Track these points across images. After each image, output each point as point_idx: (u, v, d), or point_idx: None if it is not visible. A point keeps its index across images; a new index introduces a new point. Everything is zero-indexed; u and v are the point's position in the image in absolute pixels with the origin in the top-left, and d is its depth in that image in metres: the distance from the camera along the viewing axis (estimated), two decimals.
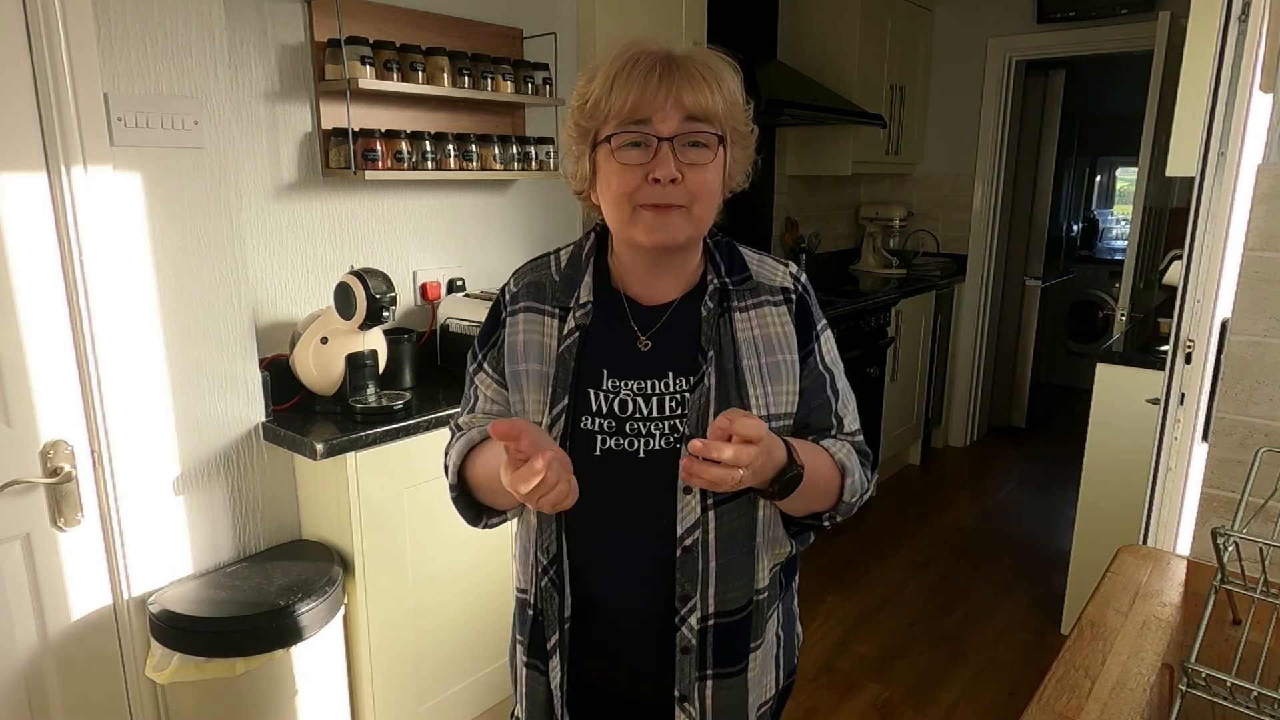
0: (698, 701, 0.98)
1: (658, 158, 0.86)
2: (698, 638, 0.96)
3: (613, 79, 0.86)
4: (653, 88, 0.85)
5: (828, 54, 3.73)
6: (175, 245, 1.64)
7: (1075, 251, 5.37)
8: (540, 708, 1.03)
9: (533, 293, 0.99)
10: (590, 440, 0.94)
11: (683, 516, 0.93)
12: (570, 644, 1.00)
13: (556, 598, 0.98)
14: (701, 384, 0.93)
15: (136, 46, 1.54)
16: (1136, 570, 1.20)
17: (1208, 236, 1.48)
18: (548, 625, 1.00)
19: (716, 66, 0.89)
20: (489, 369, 1.01)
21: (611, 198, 0.90)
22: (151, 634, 1.63)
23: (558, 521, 0.96)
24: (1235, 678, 0.78)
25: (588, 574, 0.98)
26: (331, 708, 1.78)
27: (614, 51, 0.89)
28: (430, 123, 2.21)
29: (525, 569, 1.02)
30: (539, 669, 1.02)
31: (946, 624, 2.78)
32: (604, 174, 0.90)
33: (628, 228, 0.90)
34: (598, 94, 0.87)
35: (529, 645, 1.03)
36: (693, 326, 0.96)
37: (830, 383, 1.01)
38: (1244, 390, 1.29)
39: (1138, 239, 3.12)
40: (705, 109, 0.87)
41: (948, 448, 4.59)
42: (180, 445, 1.70)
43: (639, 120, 0.86)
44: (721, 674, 0.98)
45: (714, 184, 0.91)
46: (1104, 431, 2.52)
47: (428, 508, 1.89)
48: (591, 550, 0.97)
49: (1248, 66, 1.40)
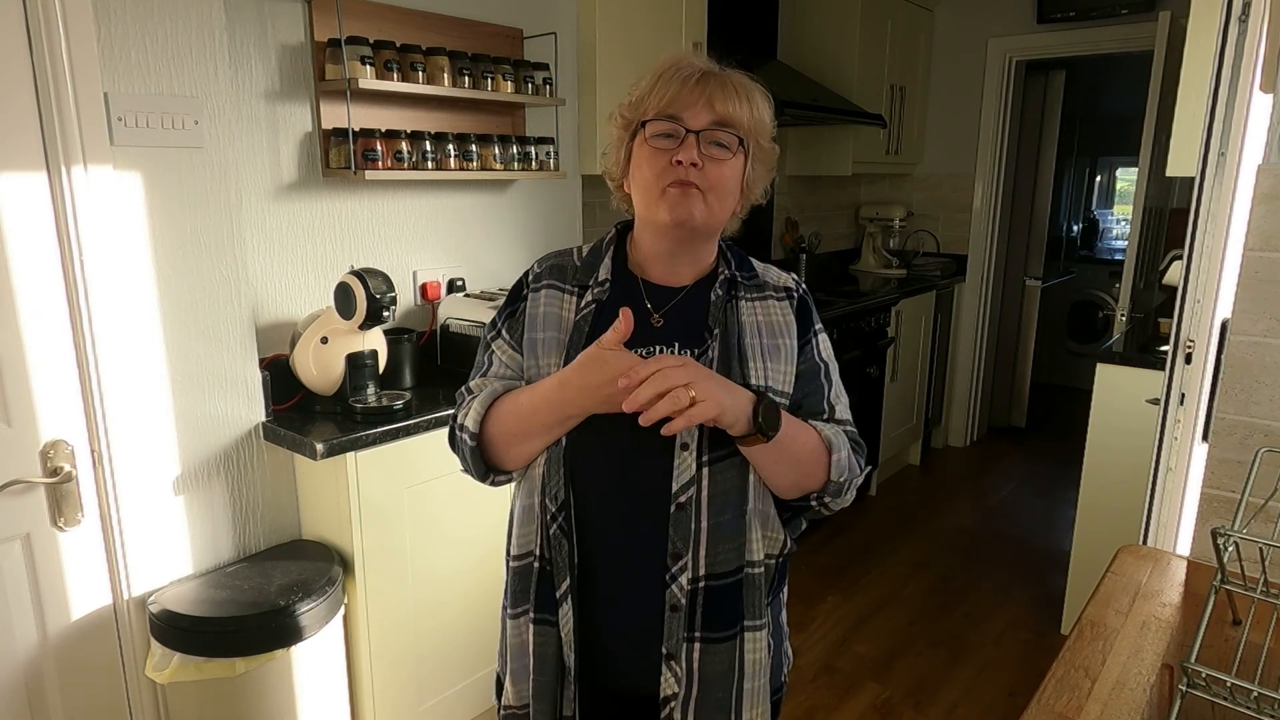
0: (684, 661, 1.01)
1: (684, 145, 0.97)
2: (687, 598, 0.99)
3: (657, 79, 1.00)
4: (690, 89, 0.98)
5: (828, 54, 3.73)
6: (175, 245, 1.64)
7: (1075, 251, 5.37)
8: (550, 660, 1.04)
9: (555, 274, 1.08)
10: None
11: (679, 473, 0.98)
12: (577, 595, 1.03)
13: (566, 544, 1.01)
14: (706, 354, 1.01)
15: (136, 46, 1.54)
16: (1136, 570, 1.20)
17: (1208, 236, 1.48)
18: (557, 574, 1.02)
19: (749, 87, 1.02)
20: (506, 335, 1.08)
21: (642, 180, 1.00)
22: (151, 634, 1.63)
23: (564, 469, 1.00)
24: (1235, 678, 0.78)
25: (592, 526, 1.02)
26: (331, 708, 1.78)
27: (665, 59, 1.02)
28: (430, 123, 2.21)
29: (528, 527, 1.04)
30: (549, 622, 1.04)
31: (946, 624, 2.78)
32: (638, 160, 1.01)
33: (654, 208, 1.00)
34: (643, 91, 1.01)
35: (537, 601, 1.04)
36: (703, 308, 1.05)
37: (824, 372, 1.09)
38: (1244, 390, 1.29)
39: (1138, 239, 3.12)
40: (731, 115, 0.98)
41: (948, 448, 4.59)
42: (180, 445, 1.70)
43: (673, 115, 0.98)
44: (710, 638, 1.01)
45: (731, 181, 1.01)
46: (1104, 431, 2.52)
47: (428, 508, 1.89)
48: (593, 504, 1.01)
49: (1248, 66, 1.40)
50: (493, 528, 2.05)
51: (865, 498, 3.82)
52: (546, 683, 1.05)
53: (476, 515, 2.01)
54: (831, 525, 3.50)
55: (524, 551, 1.06)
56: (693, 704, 1.01)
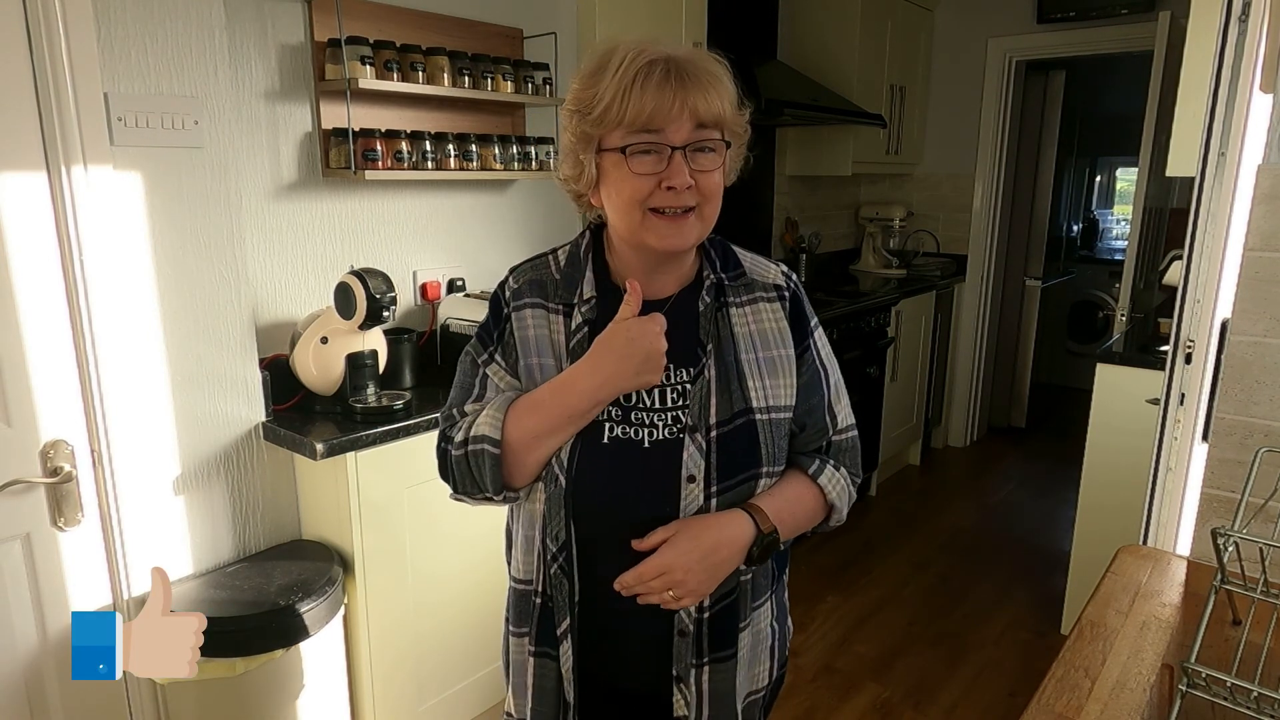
0: (693, 684, 1.00)
1: (671, 166, 0.89)
2: (694, 624, 0.99)
3: (624, 88, 0.87)
4: (667, 98, 0.87)
5: (828, 54, 3.72)
6: (175, 245, 1.64)
7: (1075, 252, 5.37)
8: (550, 694, 1.04)
9: (535, 290, 1.01)
10: (599, 429, 0.97)
11: (685, 505, 0.95)
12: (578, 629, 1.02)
13: (567, 584, 0.99)
14: (702, 376, 0.97)
15: (136, 46, 1.54)
16: (1136, 570, 1.20)
17: (1208, 236, 1.48)
18: (558, 611, 1.01)
19: (717, 71, 0.92)
20: (500, 361, 1.02)
21: (622, 203, 0.92)
22: None
23: (565, 509, 0.97)
24: (1235, 678, 0.78)
25: (594, 562, 1.00)
26: (331, 708, 1.78)
27: (616, 57, 0.89)
28: (430, 123, 2.21)
29: (529, 558, 1.03)
30: (550, 655, 1.03)
31: (946, 624, 2.78)
32: (613, 180, 0.92)
33: (639, 232, 0.93)
34: (606, 101, 0.88)
35: (538, 635, 1.03)
36: (690, 320, 0.99)
37: (825, 378, 1.05)
38: (1244, 390, 1.29)
39: (1138, 239, 3.12)
40: (715, 116, 0.90)
41: (948, 448, 4.59)
42: (180, 445, 1.70)
43: (651, 129, 0.88)
44: (716, 658, 1.01)
45: (720, 185, 0.95)
46: (1104, 432, 2.52)
47: (428, 508, 1.89)
48: (596, 540, 0.99)
49: (1248, 66, 1.40)
50: (493, 528, 2.04)
51: (865, 498, 3.82)
52: (546, 714, 1.05)
53: (477, 515, 2.00)
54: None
55: (525, 579, 1.04)
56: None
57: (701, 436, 0.95)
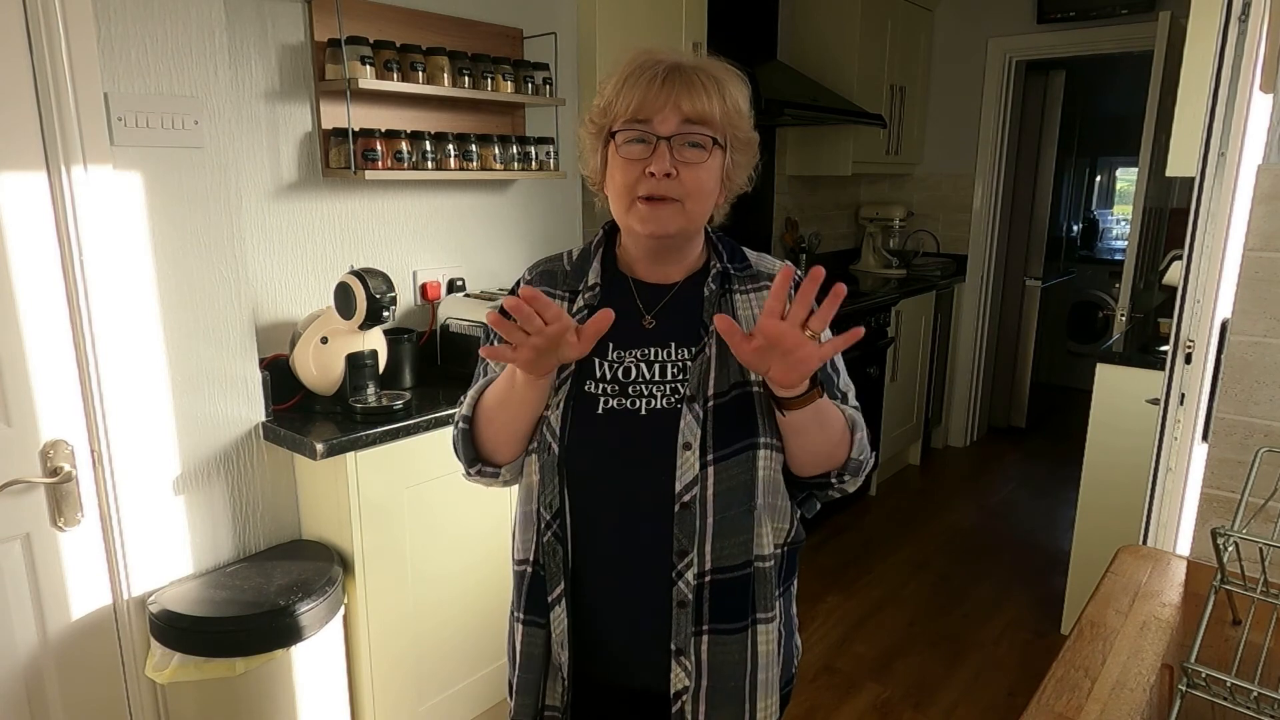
0: (693, 655, 1.00)
1: (655, 154, 0.95)
2: (694, 593, 0.99)
3: (623, 83, 0.96)
4: (655, 92, 0.94)
5: (828, 54, 3.73)
6: (175, 245, 1.64)
7: (1075, 252, 5.37)
8: (536, 660, 1.05)
9: (545, 279, 1.08)
10: (593, 402, 1.00)
11: (681, 473, 0.96)
12: (572, 599, 1.03)
13: (560, 550, 1.01)
14: (703, 353, 1.00)
15: (136, 46, 1.54)
16: (1136, 570, 1.20)
17: (1208, 237, 1.48)
18: (550, 579, 1.02)
19: (721, 77, 0.97)
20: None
21: (615, 189, 0.99)
22: (151, 634, 1.63)
23: (560, 477, 0.99)
24: (1235, 678, 0.78)
25: (589, 530, 1.01)
26: (331, 708, 1.78)
27: (628, 58, 0.98)
28: (430, 123, 2.21)
29: (526, 535, 1.04)
30: (537, 624, 1.04)
31: (946, 624, 2.78)
32: (611, 168, 1.00)
33: (626, 217, 0.99)
34: (610, 96, 0.97)
35: (526, 603, 1.05)
36: (695, 305, 1.03)
37: (831, 362, 1.07)
38: (1244, 390, 1.29)
39: (1138, 239, 3.12)
40: (702, 113, 0.94)
41: (948, 448, 4.59)
42: (180, 445, 1.70)
43: (642, 120, 0.95)
44: (719, 629, 1.00)
45: (708, 182, 0.98)
46: (1104, 431, 2.52)
47: (428, 508, 1.89)
48: (593, 507, 1.00)
49: (1248, 66, 1.40)
50: (493, 528, 2.05)
51: (865, 498, 3.82)
52: (531, 680, 1.06)
53: (476, 515, 2.01)
54: (831, 525, 3.50)
55: (522, 558, 1.06)
56: (703, 695, 1.01)
57: (699, 406, 0.97)
